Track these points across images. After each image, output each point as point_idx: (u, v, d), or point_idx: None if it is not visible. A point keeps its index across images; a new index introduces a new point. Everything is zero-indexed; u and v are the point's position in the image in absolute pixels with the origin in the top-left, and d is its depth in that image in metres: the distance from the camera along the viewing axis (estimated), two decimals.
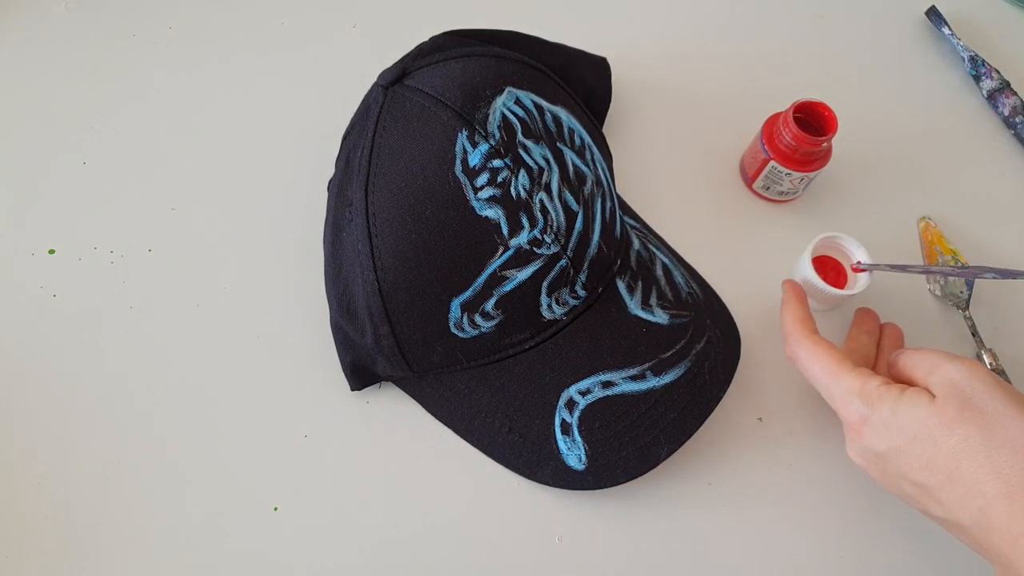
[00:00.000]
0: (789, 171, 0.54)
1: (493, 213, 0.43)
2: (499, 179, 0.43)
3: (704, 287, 0.51)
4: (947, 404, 0.38)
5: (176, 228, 0.55)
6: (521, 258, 0.44)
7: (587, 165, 0.48)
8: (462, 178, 0.43)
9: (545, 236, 0.44)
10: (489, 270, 0.43)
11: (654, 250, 0.51)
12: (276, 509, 0.47)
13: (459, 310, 0.44)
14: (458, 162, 0.43)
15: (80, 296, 0.52)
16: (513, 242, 0.43)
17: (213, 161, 0.57)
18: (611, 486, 0.45)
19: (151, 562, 0.45)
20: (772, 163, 0.54)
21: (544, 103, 0.47)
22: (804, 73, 0.64)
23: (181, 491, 0.47)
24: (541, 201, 0.44)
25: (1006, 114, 0.62)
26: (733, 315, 0.51)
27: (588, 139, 0.49)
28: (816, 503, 0.49)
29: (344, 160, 0.48)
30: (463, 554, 0.47)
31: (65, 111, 0.58)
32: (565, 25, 0.64)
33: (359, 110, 0.49)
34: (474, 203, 0.43)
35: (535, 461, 0.46)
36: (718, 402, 0.46)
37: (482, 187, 0.43)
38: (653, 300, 0.48)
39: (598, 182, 0.48)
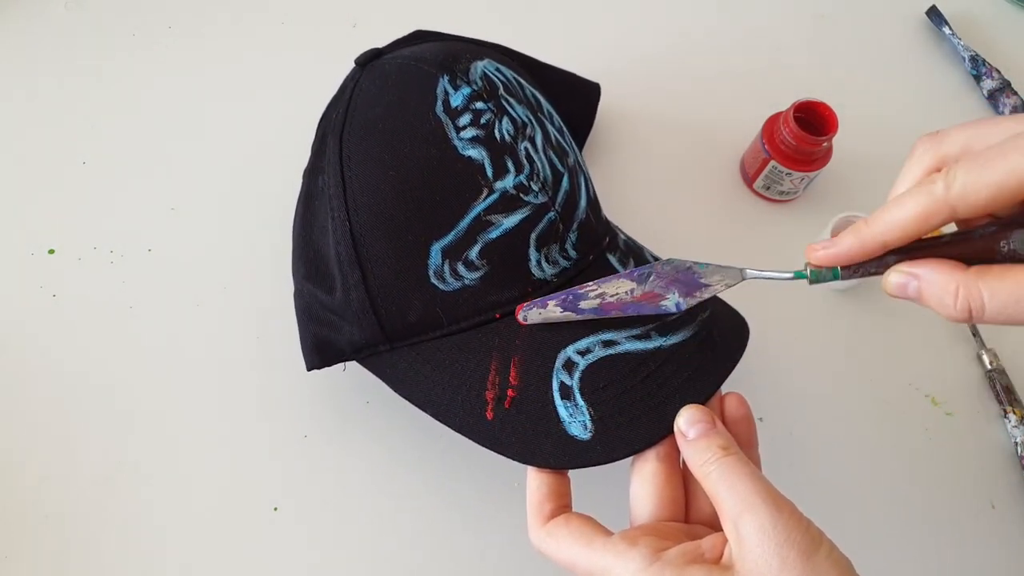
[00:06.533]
0: (789, 171, 0.54)
1: (477, 153, 0.41)
2: (482, 120, 0.41)
3: None
4: None
5: (176, 228, 0.55)
6: (507, 203, 0.40)
7: (567, 144, 0.46)
8: (443, 117, 0.41)
9: (532, 184, 0.41)
10: (473, 213, 0.40)
11: (641, 244, 0.50)
12: (276, 509, 0.47)
13: (440, 256, 0.40)
14: (439, 103, 0.41)
15: (80, 296, 0.52)
16: (498, 185, 0.40)
17: (213, 161, 0.57)
18: (623, 456, 0.37)
19: (151, 562, 0.45)
20: (772, 163, 0.54)
21: (524, 81, 0.47)
22: (804, 73, 0.64)
23: (181, 491, 0.47)
24: (526, 149, 0.42)
25: (1007, 114, 0.62)
26: None
27: (565, 128, 0.48)
28: (816, 503, 0.49)
29: (319, 140, 0.45)
30: (463, 554, 0.47)
31: (65, 111, 0.58)
32: (564, 28, 0.64)
33: (335, 94, 0.47)
34: (456, 142, 0.40)
35: (531, 436, 0.38)
36: (735, 364, 0.40)
37: (465, 127, 0.41)
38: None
39: (579, 164, 0.46)
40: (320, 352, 0.44)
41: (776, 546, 0.29)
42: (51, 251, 0.53)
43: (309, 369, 0.44)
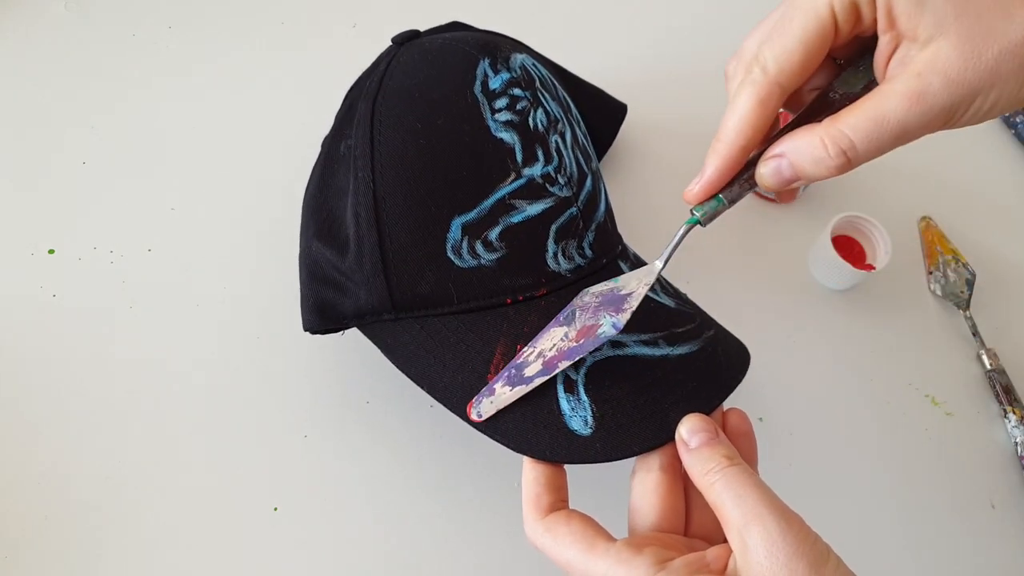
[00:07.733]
0: None
1: (509, 137, 0.41)
2: (518, 107, 0.42)
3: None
4: None
5: (176, 228, 0.55)
6: (533, 191, 0.41)
7: (591, 150, 0.47)
8: (480, 97, 0.42)
9: (559, 176, 0.42)
10: (498, 194, 0.40)
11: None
12: (276, 509, 0.47)
13: (460, 231, 0.40)
14: (478, 83, 0.42)
15: (80, 296, 0.52)
16: (526, 171, 0.41)
17: (213, 161, 0.57)
18: (621, 457, 0.36)
19: (151, 562, 0.45)
20: None
21: (556, 83, 0.47)
22: None
23: (181, 491, 0.47)
24: (557, 143, 0.43)
25: (1007, 114, 0.62)
26: (733, 314, 0.51)
27: (589, 137, 0.48)
28: (816, 503, 0.49)
29: (346, 107, 0.45)
30: (463, 554, 0.47)
31: (65, 111, 0.58)
32: (562, 32, 0.64)
33: (368, 67, 0.48)
34: (490, 123, 0.41)
35: (530, 425, 0.37)
36: (738, 383, 0.40)
37: (500, 110, 0.42)
38: (657, 287, 0.44)
39: (600, 173, 0.47)
40: (321, 313, 0.43)
41: (786, 557, 0.29)
42: (51, 251, 0.53)
43: (306, 329, 0.44)
